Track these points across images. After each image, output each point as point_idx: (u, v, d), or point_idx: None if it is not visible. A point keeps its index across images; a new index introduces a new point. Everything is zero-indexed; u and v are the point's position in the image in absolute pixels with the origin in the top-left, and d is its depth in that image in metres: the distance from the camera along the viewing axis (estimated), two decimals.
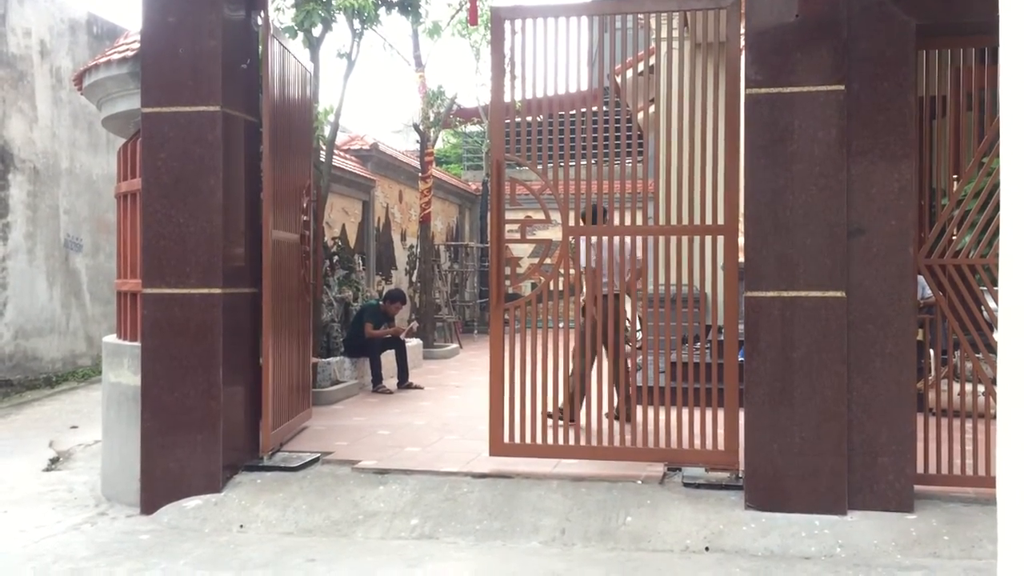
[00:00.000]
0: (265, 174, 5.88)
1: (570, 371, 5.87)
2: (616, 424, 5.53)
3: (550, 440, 5.62)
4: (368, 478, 5.58)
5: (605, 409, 5.86)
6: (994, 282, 4.91)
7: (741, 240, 5.24)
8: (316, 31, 8.83)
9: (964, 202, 5.08)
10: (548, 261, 5.82)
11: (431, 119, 13.80)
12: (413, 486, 5.41)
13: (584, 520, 4.95)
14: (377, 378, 9.57)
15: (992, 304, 5.04)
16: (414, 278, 15.97)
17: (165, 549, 4.83)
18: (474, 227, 20.83)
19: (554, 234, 5.70)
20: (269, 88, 5.86)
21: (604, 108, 5.77)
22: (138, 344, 5.76)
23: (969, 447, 5.08)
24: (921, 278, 5.17)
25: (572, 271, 5.86)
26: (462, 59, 46.52)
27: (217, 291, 5.52)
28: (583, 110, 5.87)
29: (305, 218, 6.84)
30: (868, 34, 4.92)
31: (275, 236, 5.97)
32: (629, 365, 5.76)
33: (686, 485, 5.25)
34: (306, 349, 6.88)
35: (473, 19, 11.19)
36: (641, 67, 8.60)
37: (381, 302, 10.21)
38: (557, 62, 5.57)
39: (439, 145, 20.06)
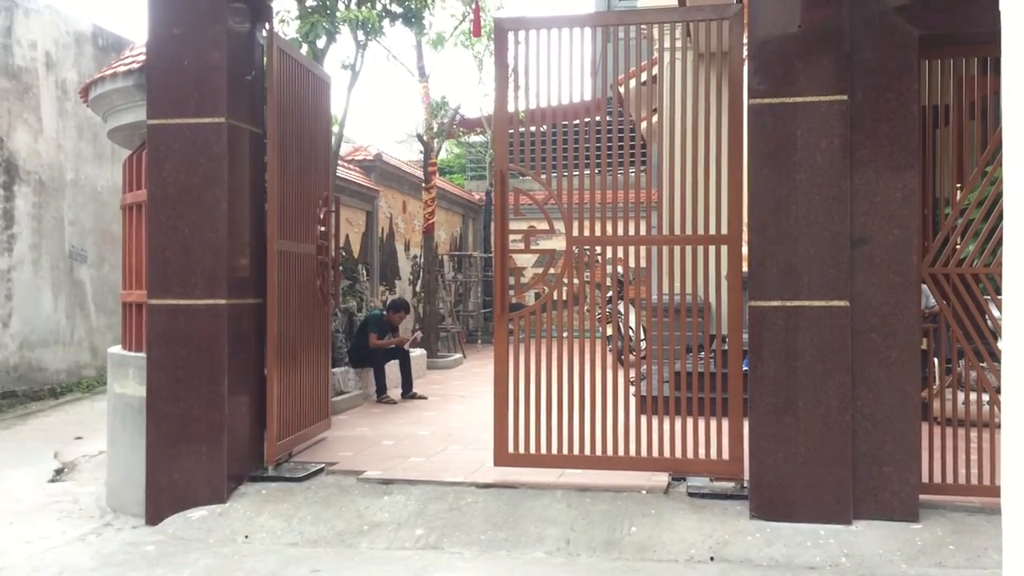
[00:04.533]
0: (270, 185, 5.90)
1: None
2: (620, 434, 5.52)
3: (554, 450, 5.61)
4: (373, 488, 5.58)
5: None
6: (998, 291, 4.91)
7: (745, 249, 5.25)
8: (320, 43, 8.87)
9: (967, 211, 5.08)
10: (552, 271, 5.83)
11: (435, 129, 13.84)
12: (418, 496, 5.41)
13: (589, 530, 4.94)
14: (381, 388, 9.57)
15: (996, 313, 5.04)
16: (418, 288, 15.98)
17: (170, 560, 4.84)
18: (477, 237, 20.86)
19: (558, 244, 5.71)
20: (274, 99, 5.88)
21: (607, 118, 5.79)
22: (143, 355, 5.78)
23: (974, 456, 5.07)
24: (925, 287, 5.17)
25: (576, 280, 5.87)
26: (465, 70, 46.62)
27: (222, 302, 5.54)
28: (587, 120, 5.89)
29: (323, 228, 6.84)
30: (871, 44, 4.94)
31: (282, 247, 5.99)
32: None
33: (691, 495, 5.24)
34: (322, 360, 6.86)
35: (477, 31, 11.26)
36: (644, 77, 8.63)
37: (385, 312, 10.21)
38: (560, 72, 5.59)
39: (442, 155, 20.11)
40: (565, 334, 5.78)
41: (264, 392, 5.88)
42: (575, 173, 5.80)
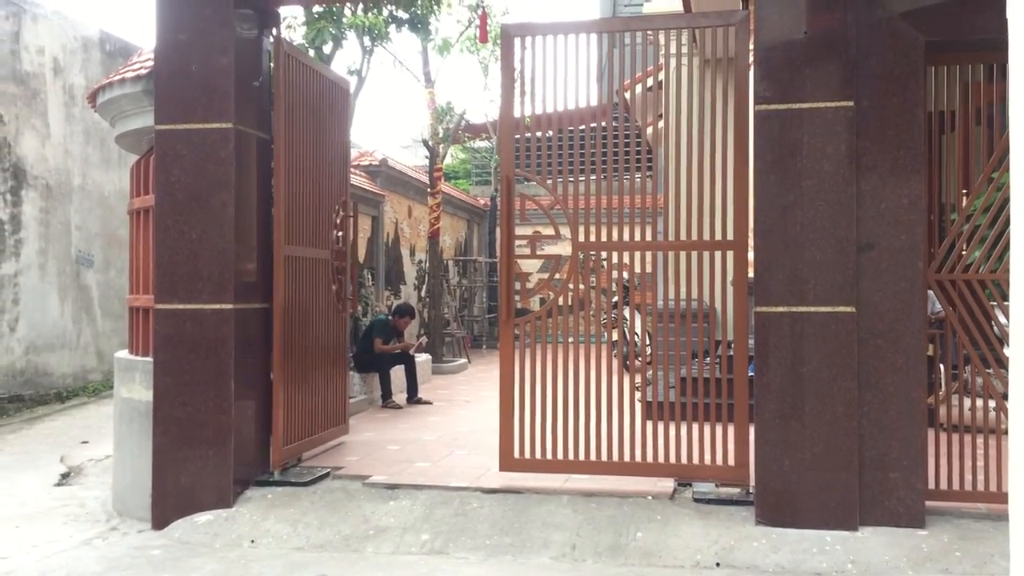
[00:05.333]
0: (276, 190, 5.91)
1: None
2: (626, 439, 5.52)
3: (560, 455, 5.61)
4: (378, 493, 5.59)
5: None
6: (1004, 297, 4.91)
7: (751, 255, 5.25)
8: (327, 48, 8.90)
9: (974, 217, 5.08)
10: (558, 276, 5.84)
11: (440, 135, 13.87)
12: (423, 501, 5.41)
13: (594, 535, 4.94)
14: (386, 393, 9.58)
15: (1002, 319, 5.04)
16: (423, 293, 16.00)
17: (176, 564, 4.85)
18: (482, 242, 20.87)
19: (563, 249, 5.71)
20: (280, 104, 5.90)
21: (613, 124, 5.80)
22: (150, 359, 5.79)
23: (980, 462, 5.06)
24: (930, 292, 5.17)
25: (582, 285, 5.87)
26: (471, 75, 46.75)
27: (229, 306, 5.55)
28: (592, 126, 5.90)
29: (340, 233, 6.85)
30: (877, 50, 4.94)
31: (292, 252, 6.00)
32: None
33: (696, 500, 5.24)
34: (338, 365, 6.86)
35: (483, 37, 11.29)
36: (650, 83, 8.64)
37: (390, 317, 10.22)
38: (566, 78, 5.60)
39: (447, 160, 20.16)
40: (570, 339, 5.78)
41: (271, 397, 5.88)
42: (581, 179, 5.81)
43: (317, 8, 8.85)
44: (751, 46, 5.33)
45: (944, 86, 5.14)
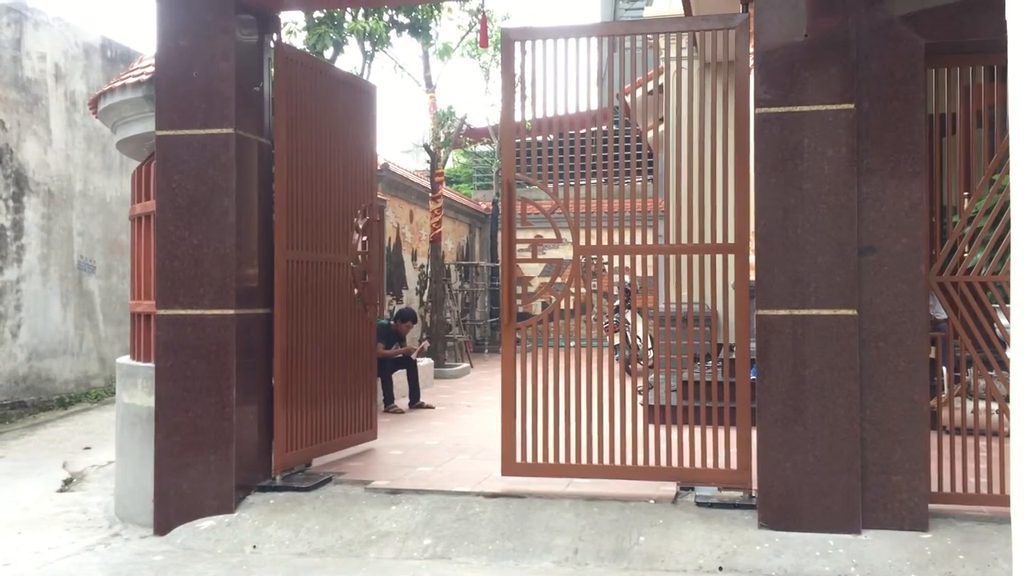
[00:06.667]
0: (277, 195, 5.91)
1: None
2: (628, 443, 5.51)
3: (562, 459, 5.61)
4: (380, 498, 5.58)
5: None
6: (1006, 299, 4.90)
7: (752, 258, 5.25)
8: (328, 53, 8.92)
9: (975, 219, 5.07)
10: (559, 280, 5.84)
11: (441, 139, 13.88)
12: (425, 506, 5.41)
13: (597, 540, 4.94)
14: (388, 398, 9.58)
15: (1004, 321, 5.03)
16: (425, 297, 16.00)
17: (179, 570, 4.84)
18: (484, 246, 20.89)
19: (565, 253, 5.70)
20: (281, 109, 5.90)
21: (614, 127, 5.80)
22: (152, 365, 5.79)
23: (983, 465, 5.05)
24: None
25: (583, 289, 5.87)
26: (472, 80, 46.83)
27: (230, 312, 5.55)
28: (593, 129, 5.90)
29: (364, 238, 6.85)
30: (877, 53, 4.94)
31: (298, 256, 6.00)
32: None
33: (699, 504, 5.23)
34: (360, 369, 6.83)
35: (484, 42, 11.32)
36: (651, 87, 8.64)
37: (392, 322, 10.22)
38: (567, 82, 5.60)
39: (449, 165, 20.16)
40: (572, 343, 5.78)
41: (273, 402, 5.88)
42: (582, 182, 5.81)
43: (318, 13, 8.87)
44: (751, 49, 5.33)
45: (944, 88, 5.14)
